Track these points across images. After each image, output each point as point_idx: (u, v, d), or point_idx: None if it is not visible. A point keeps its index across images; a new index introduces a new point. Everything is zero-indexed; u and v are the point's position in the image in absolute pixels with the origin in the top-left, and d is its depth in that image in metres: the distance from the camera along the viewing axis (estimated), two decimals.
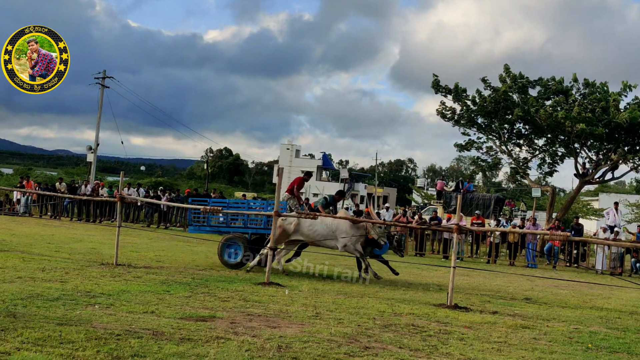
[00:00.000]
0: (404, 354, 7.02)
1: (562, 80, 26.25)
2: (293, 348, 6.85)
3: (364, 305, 10.18)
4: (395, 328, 8.50)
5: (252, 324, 8.02)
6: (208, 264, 14.75)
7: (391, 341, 7.63)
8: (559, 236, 11.76)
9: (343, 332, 7.87)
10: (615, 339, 8.95)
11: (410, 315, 9.66)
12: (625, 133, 25.14)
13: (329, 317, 8.92)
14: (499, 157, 28.66)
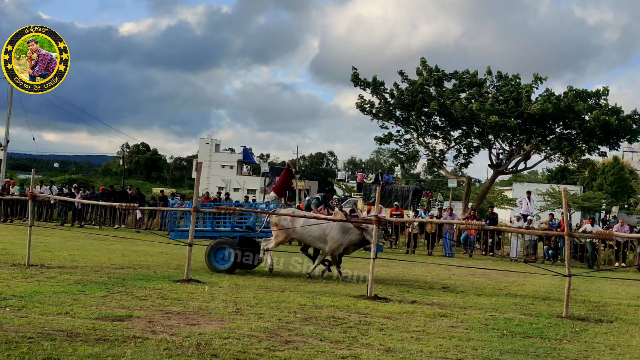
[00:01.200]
0: (324, 347, 7.03)
1: (476, 73, 26.87)
2: (213, 345, 6.76)
3: (285, 299, 10.15)
4: (316, 321, 8.51)
5: (170, 322, 7.87)
6: (125, 263, 14.40)
7: (312, 334, 7.64)
8: (474, 225, 12.03)
9: (264, 327, 7.83)
10: (529, 325, 9.23)
11: (331, 307, 9.69)
12: (537, 124, 25.97)
13: (250, 312, 8.85)
14: (417, 149, 29.13)
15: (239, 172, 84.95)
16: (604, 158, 33.19)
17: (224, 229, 14.44)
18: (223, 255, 13.58)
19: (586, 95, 25.70)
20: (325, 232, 13.15)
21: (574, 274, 11.21)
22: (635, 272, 21.33)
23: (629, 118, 25.51)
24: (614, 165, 56.81)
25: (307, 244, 14.08)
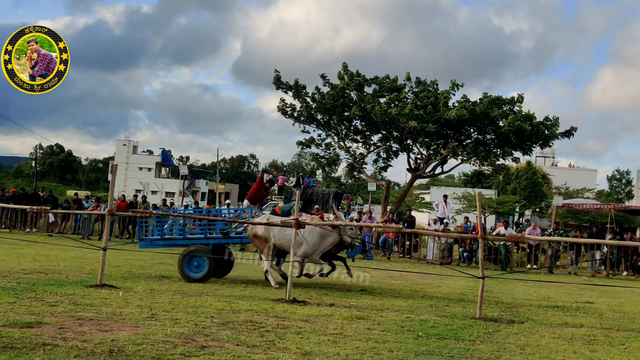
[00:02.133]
0: (241, 351, 6.96)
1: (396, 79, 27.26)
2: (126, 351, 6.59)
3: (202, 304, 10.01)
4: (233, 325, 8.43)
5: (82, 328, 7.64)
6: (36, 267, 13.90)
7: (228, 339, 7.55)
8: (392, 228, 12.16)
9: (179, 332, 7.69)
10: (444, 326, 9.40)
11: (249, 311, 9.62)
12: (454, 129, 26.55)
13: (165, 317, 8.69)
14: (338, 153, 29.33)
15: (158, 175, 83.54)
16: (517, 163, 34.20)
17: (196, 236, 13.87)
18: (197, 263, 13.15)
19: (501, 102, 26.44)
20: (303, 235, 12.83)
21: (487, 276, 11.47)
22: (546, 274, 22.06)
23: (542, 124, 26.38)
24: (527, 170, 58.63)
25: (284, 250, 13.24)
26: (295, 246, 12.49)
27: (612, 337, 9.43)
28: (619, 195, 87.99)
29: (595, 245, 22.96)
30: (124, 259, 16.91)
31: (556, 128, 26.41)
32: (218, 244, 13.54)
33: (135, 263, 16.15)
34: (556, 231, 25.67)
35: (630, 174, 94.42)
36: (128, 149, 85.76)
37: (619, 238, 23.63)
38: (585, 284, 18.31)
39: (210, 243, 13.38)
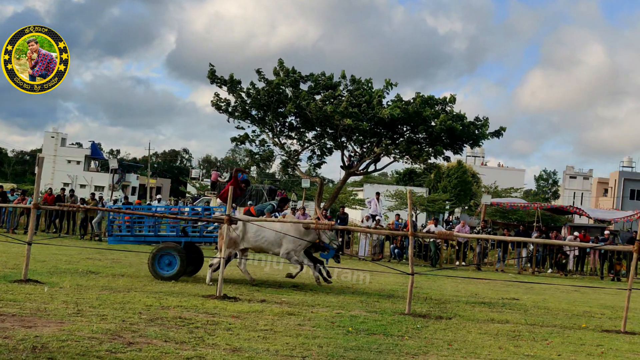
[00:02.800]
0: (169, 348, 6.88)
1: (331, 77, 27.33)
2: (49, 348, 6.43)
3: (130, 300, 9.84)
4: (162, 322, 8.32)
5: (4, 324, 7.41)
6: None
7: (157, 335, 7.45)
8: (324, 225, 12.21)
9: (106, 329, 7.55)
10: (374, 322, 9.50)
11: (178, 307, 9.51)
12: (387, 128, 26.79)
13: (92, 313, 8.51)
14: (272, 150, 29.23)
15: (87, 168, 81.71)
16: (448, 162, 34.77)
17: (168, 234, 13.66)
18: (169, 261, 12.89)
19: (434, 102, 26.82)
20: (282, 235, 12.78)
21: (417, 273, 11.67)
22: (474, 271, 22.54)
23: (472, 124, 26.88)
24: (458, 169, 59.79)
25: (262, 251, 13.33)
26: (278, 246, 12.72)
27: (536, 332, 9.70)
28: (545, 195, 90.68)
29: (521, 243, 23.57)
30: (50, 253, 16.48)
31: (486, 128, 26.95)
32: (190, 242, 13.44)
33: (62, 258, 15.75)
34: (484, 229, 26.26)
35: (557, 174, 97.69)
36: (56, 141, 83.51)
37: (545, 236, 24.34)
38: (511, 280, 18.77)
39: (182, 241, 13.18)
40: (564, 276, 22.71)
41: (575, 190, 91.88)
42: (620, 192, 75.77)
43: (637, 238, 10.91)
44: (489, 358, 7.66)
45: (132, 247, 15.22)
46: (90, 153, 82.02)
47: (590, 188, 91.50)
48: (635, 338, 9.83)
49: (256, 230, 12.70)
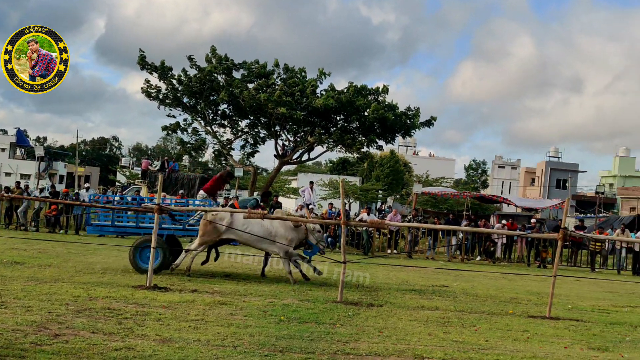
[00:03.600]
0: (97, 339, 6.74)
1: (265, 65, 27.23)
2: None
3: (57, 291, 9.59)
4: (89, 313, 8.15)
5: None
6: None
7: (84, 326, 7.29)
8: (257, 214, 12.15)
9: (31, 320, 7.35)
10: (306, 310, 9.51)
11: (107, 298, 9.32)
12: (321, 117, 26.89)
13: (16, 305, 8.26)
14: (204, 138, 28.96)
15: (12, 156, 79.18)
16: (381, 151, 35.15)
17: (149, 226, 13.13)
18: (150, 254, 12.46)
19: (366, 92, 27.04)
20: (271, 232, 12.52)
21: (349, 261, 11.73)
22: (405, 259, 22.84)
23: (404, 114, 27.23)
24: (390, 158, 60.41)
25: (248, 245, 13.05)
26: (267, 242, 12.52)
27: (465, 319, 9.90)
28: (475, 184, 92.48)
29: (451, 232, 24.02)
30: None
31: (417, 118, 27.36)
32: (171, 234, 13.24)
33: None
34: (415, 217, 26.63)
35: (486, 163, 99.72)
36: None
37: (474, 225, 24.84)
38: (441, 268, 19.13)
39: (164, 234, 12.89)
40: (492, 263, 23.25)
41: (504, 180, 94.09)
42: (547, 182, 78.07)
43: (562, 226, 11.24)
44: (419, 344, 7.77)
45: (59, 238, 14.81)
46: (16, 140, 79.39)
47: (518, 177, 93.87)
48: (560, 323, 10.13)
49: (243, 222, 12.50)
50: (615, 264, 24.00)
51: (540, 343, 8.46)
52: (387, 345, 7.58)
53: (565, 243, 18.70)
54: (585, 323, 10.35)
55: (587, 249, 24.28)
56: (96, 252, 16.20)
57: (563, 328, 9.72)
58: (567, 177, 71.38)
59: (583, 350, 8.18)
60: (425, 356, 7.19)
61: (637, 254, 23.34)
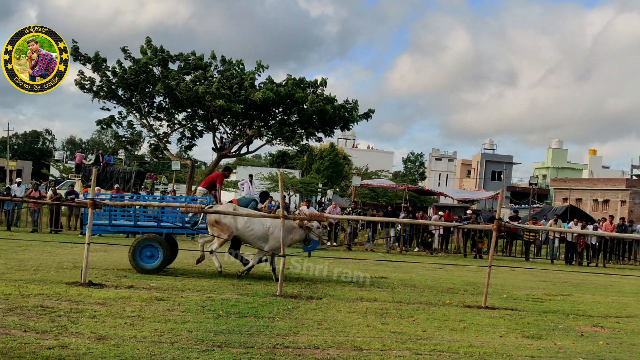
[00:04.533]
0: (29, 338, 6.55)
1: (202, 57, 26.89)
2: None
3: None
4: (21, 311, 7.92)
5: None
6: None
7: (15, 325, 7.09)
8: (193, 208, 12.01)
9: None
10: (245, 304, 9.45)
11: (40, 296, 9.08)
12: (259, 110, 26.73)
13: None
14: (140, 132, 28.45)
15: None
16: (321, 144, 35.24)
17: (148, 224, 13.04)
18: (150, 253, 12.35)
19: (305, 85, 27.01)
20: (269, 231, 12.45)
21: (289, 254, 11.71)
22: (345, 251, 22.94)
23: (342, 107, 27.31)
24: (330, 151, 60.63)
25: (248, 243, 12.92)
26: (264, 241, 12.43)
27: (403, 310, 10.00)
28: (413, 177, 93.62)
29: (390, 224, 24.23)
30: None
31: (356, 111, 27.48)
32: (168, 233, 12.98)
33: None
34: (355, 210, 26.79)
35: (424, 156, 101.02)
36: None
37: (412, 217, 25.12)
38: (380, 260, 19.29)
39: (162, 232, 12.70)
40: (430, 254, 23.56)
41: (441, 172, 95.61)
42: (483, 173, 79.60)
43: (496, 217, 11.46)
44: (358, 336, 7.81)
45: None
46: None
47: (454, 169, 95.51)
48: (495, 312, 10.33)
49: (246, 221, 12.42)
50: (548, 254, 24.63)
51: (477, 332, 8.61)
52: (326, 338, 7.59)
53: (500, 234, 19.09)
54: (520, 312, 10.58)
55: (522, 239, 24.84)
56: (29, 248, 15.78)
57: (498, 317, 9.92)
58: (502, 169, 72.93)
59: (518, 339, 8.36)
60: (363, 348, 7.23)
61: (569, 244, 24.00)
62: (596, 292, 14.30)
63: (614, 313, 11.24)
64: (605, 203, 58.12)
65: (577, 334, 9.02)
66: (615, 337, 8.93)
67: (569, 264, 23.21)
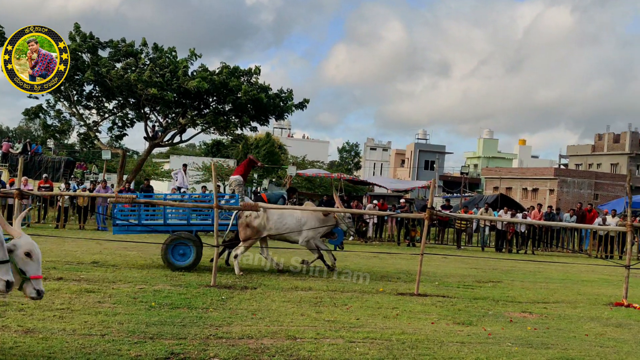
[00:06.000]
0: None
1: (133, 44, 26.35)
2: None
3: None
4: None
5: None
6: None
7: None
8: (125, 198, 11.81)
9: None
10: (178, 295, 9.35)
11: None
12: (193, 99, 26.40)
13: None
14: (69, 120, 27.73)
15: None
16: (256, 133, 35.02)
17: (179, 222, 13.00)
18: (182, 251, 12.29)
19: (239, 73, 26.79)
20: (301, 222, 12.83)
21: (222, 245, 11.63)
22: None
23: (277, 96, 27.22)
24: (266, 140, 60.43)
25: (282, 238, 13.16)
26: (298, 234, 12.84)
27: (337, 298, 10.06)
28: (348, 166, 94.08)
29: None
30: None
31: (291, 101, 27.43)
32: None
33: None
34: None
35: (359, 146, 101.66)
36: None
37: (347, 206, 25.26)
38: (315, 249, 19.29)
39: (193, 230, 12.77)
40: (364, 243, 23.75)
41: (376, 161, 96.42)
42: (416, 163, 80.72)
43: (429, 206, 11.63)
44: (292, 325, 7.82)
45: None
46: None
47: (389, 159, 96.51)
48: (427, 300, 10.50)
49: (278, 217, 12.66)
50: (479, 242, 25.16)
51: (409, 319, 8.74)
52: (260, 327, 7.58)
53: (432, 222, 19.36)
54: (451, 299, 10.78)
55: (454, 228, 25.28)
56: None
57: (430, 304, 10.08)
58: (434, 159, 74.11)
59: (449, 325, 8.52)
60: (297, 336, 7.24)
61: (499, 232, 24.56)
62: (525, 279, 14.69)
63: (542, 299, 11.56)
64: (534, 192, 59.79)
65: (507, 319, 9.25)
66: (542, 322, 9.19)
67: (499, 252, 23.74)
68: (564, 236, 25.45)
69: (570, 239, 25.62)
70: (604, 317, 10.02)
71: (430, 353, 6.92)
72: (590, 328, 8.97)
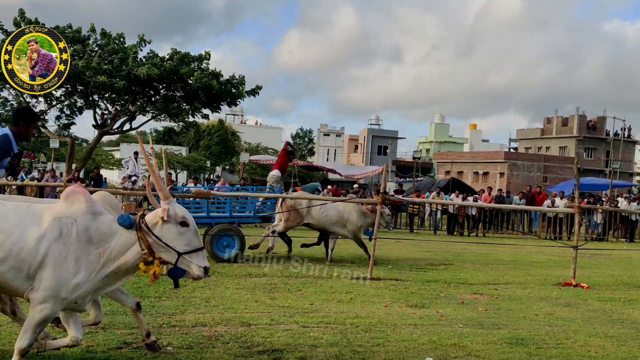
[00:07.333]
0: None
1: (80, 30, 25.81)
2: None
3: None
4: None
5: None
6: None
7: None
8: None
9: None
10: (130, 285, 9.22)
11: None
12: (143, 85, 25.98)
13: None
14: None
15: None
16: (208, 120, 34.70)
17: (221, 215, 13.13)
18: (226, 242, 12.68)
19: (190, 59, 26.46)
20: (344, 216, 13.19)
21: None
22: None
23: (229, 83, 26.98)
24: (219, 127, 60.02)
25: (323, 229, 13.53)
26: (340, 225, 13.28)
27: (291, 284, 10.07)
28: (302, 152, 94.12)
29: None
30: None
31: (243, 87, 27.22)
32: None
33: None
34: (244, 187, 26.65)
35: (313, 132, 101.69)
36: None
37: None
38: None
39: (235, 221, 13.02)
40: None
41: (329, 147, 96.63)
42: (369, 148, 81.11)
43: (381, 191, 11.70)
44: (246, 312, 7.80)
45: None
46: None
47: (342, 145, 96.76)
48: (380, 283, 10.59)
49: (322, 207, 12.94)
50: (431, 225, 25.45)
51: (363, 303, 8.80)
52: (214, 315, 7.54)
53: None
54: (404, 282, 10.90)
55: (406, 212, 25.52)
56: None
57: (384, 288, 10.17)
58: (387, 144, 74.58)
59: (402, 308, 8.61)
60: (251, 323, 7.23)
61: (451, 215, 24.87)
62: (476, 261, 14.93)
63: (493, 280, 11.77)
64: (485, 175, 60.71)
65: (458, 301, 9.39)
66: (493, 304, 9.35)
67: (451, 235, 24.06)
68: (514, 218, 25.92)
69: (520, 221, 26.12)
70: (553, 297, 10.25)
71: (384, 336, 6.98)
72: (540, 308, 9.17)
